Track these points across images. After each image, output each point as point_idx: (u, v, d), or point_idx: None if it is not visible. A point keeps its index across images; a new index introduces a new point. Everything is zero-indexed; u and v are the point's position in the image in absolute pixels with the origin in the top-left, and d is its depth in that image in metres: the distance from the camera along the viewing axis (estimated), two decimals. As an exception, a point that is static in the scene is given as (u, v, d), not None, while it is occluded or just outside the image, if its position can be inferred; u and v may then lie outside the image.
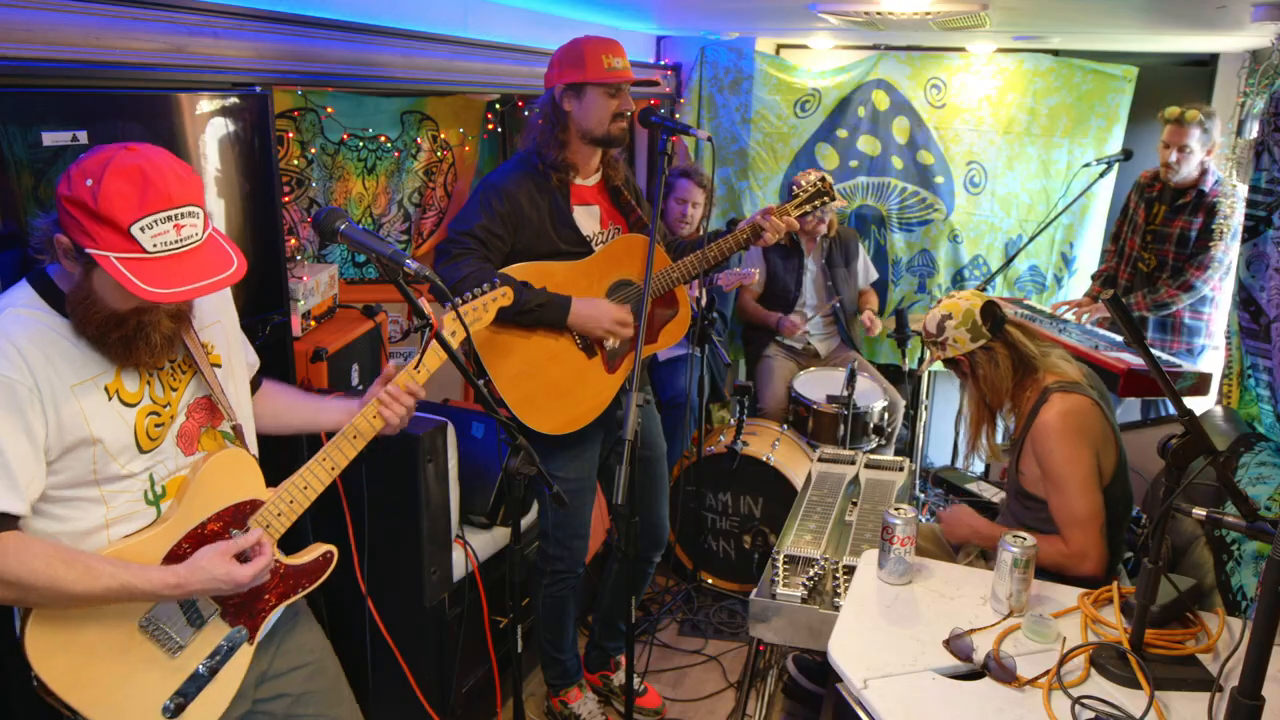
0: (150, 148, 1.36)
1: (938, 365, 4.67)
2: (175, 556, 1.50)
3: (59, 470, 1.40)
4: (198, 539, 1.53)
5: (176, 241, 1.33)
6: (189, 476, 1.55)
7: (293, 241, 3.14)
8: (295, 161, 3.17)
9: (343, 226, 1.58)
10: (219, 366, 1.64)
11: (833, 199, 2.55)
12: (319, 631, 1.87)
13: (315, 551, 1.72)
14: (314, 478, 1.64)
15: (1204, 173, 3.50)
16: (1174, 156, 3.47)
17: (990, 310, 2.26)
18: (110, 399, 1.43)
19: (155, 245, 1.31)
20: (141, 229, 1.29)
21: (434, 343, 1.73)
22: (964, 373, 2.35)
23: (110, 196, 1.28)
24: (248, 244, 2.15)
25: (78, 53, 1.75)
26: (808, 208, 2.53)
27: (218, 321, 1.66)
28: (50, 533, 1.42)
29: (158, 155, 1.35)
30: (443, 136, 3.72)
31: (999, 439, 2.40)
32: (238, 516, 1.59)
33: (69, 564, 1.36)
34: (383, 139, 3.47)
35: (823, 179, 2.55)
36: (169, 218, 1.31)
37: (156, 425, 1.50)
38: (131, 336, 1.40)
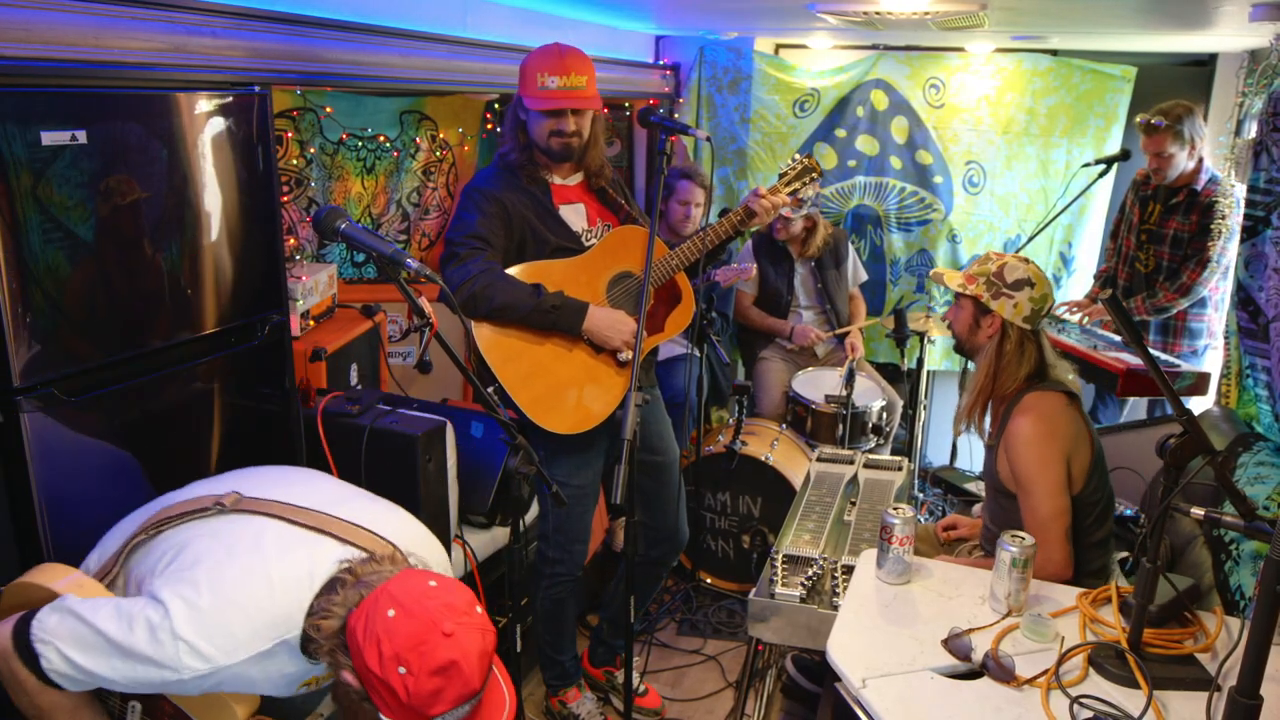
0: None
1: (938, 365, 4.72)
2: None
3: None
4: None
5: None
6: None
7: (291, 241, 3.15)
8: (294, 161, 3.17)
9: (343, 225, 1.58)
10: None
11: (820, 175, 2.58)
12: None
13: None
14: None
15: (1198, 169, 3.48)
16: (1154, 164, 3.48)
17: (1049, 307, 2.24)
18: None
19: None
20: None
21: None
22: (977, 327, 2.24)
23: None
24: (246, 243, 2.15)
25: (77, 52, 1.75)
26: (796, 184, 2.54)
27: None
28: None
29: None
30: (442, 136, 3.73)
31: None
32: None
33: None
34: (381, 139, 3.47)
35: (808, 155, 2.58)
36: None
37: None
38: None
